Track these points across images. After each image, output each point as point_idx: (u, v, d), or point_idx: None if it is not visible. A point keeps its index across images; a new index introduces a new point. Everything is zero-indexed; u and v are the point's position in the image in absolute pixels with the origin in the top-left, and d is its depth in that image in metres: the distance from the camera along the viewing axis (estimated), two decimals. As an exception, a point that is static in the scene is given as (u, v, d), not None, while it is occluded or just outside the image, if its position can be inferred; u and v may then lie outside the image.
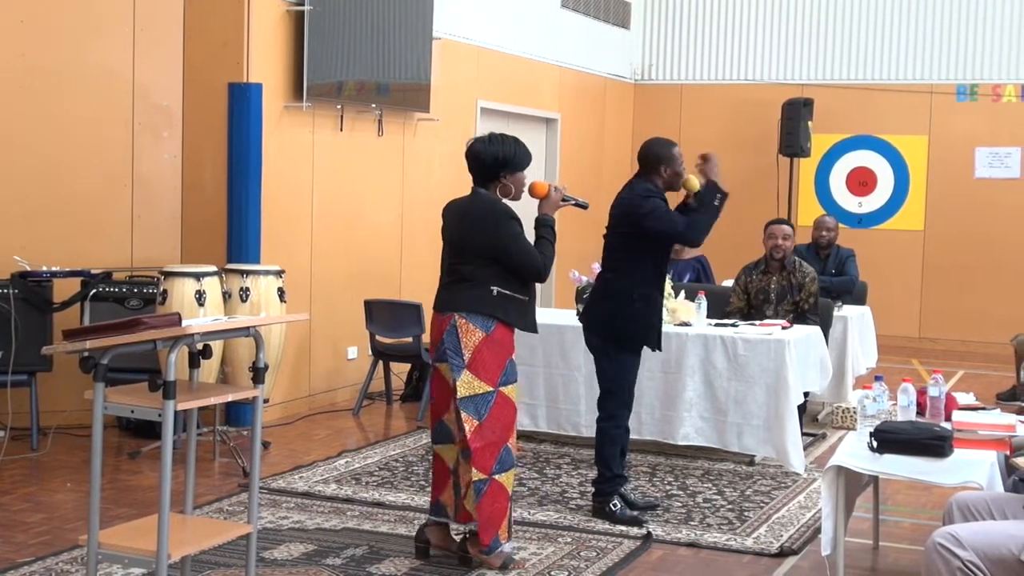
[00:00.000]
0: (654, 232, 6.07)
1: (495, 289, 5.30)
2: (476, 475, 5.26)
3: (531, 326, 5.51)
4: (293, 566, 5.37)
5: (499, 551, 5.33)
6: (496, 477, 5.28)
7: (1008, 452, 4.97)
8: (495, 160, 5.37)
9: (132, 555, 4.21)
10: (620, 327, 6.19)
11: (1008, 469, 4.90)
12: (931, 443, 4.85)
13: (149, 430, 7.61)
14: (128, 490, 6.62)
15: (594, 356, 6.33)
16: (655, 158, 6.21)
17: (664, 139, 6.38)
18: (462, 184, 11.26)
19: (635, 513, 6.20)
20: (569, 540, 5.86)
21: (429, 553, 5.50)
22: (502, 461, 5.30)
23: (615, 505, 6.20)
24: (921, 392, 5.40)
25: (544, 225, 5.47)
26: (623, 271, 6.18)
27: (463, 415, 5.25)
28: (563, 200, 5.59)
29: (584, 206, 5.90)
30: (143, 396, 4.19)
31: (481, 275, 5.30)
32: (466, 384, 5.25)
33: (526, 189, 5.51)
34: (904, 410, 5.26)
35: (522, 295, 5.39)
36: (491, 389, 5.27)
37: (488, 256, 5.30)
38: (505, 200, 5.42)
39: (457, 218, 5.46)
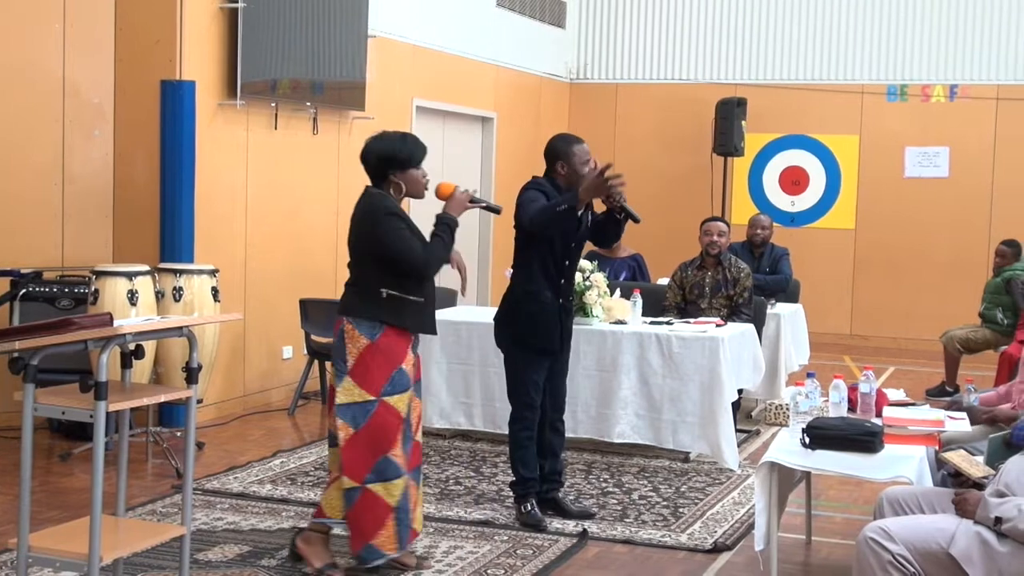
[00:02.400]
0: (523, 220, 5.93)
1: (384, 291, 5.14)
2: (347, 483, 5.12)
3: (429, 328, 5.32)
4: (228, 567, 5.34)
5: (376, 562, 5.17)
6: (369, 487, 5.10)
7: (937, 447, 5.05)
8: (378, 158, 5.23)
9: (63, 558, 4.15)
10: (516, 327, 6.11)
11: (937, 464, 4.98)
12: (862, 439, 4.91)
13: (80, 432, 7.52)
14: (59, 492, 6.54)
15: (503, 356, 6.30)
16: (552, 154, 6.13)
17: (568, 135, 6.28)
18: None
19: (539, 517, 6.11)
20: (505, 538, 5.87)
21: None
22: (378, 471, 5.10)
23: (526, 508, 6.18)
24: (852, 388, 5.46)
25: (441, 223, 5.28)
26: (519, 270, 6.11)
27: (338, 422, 5.13)
28: (471, 202, 5.42)
29: (496, 210, 5.77)
30: (74, 397, 4.14)
31: (370, 277, 5.16)
32: (346, 391, 5.12)
33: (432, 189, 5.37)
34: (836, 406, 5.32)
35: (416, 296, 5.20)
36: (372, 398, 5.09)
37: (372, 255, 5.16)
38: (403, 199, 5.25)
39: (351, 220, 5.32)
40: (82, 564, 4.08)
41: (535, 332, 6.08)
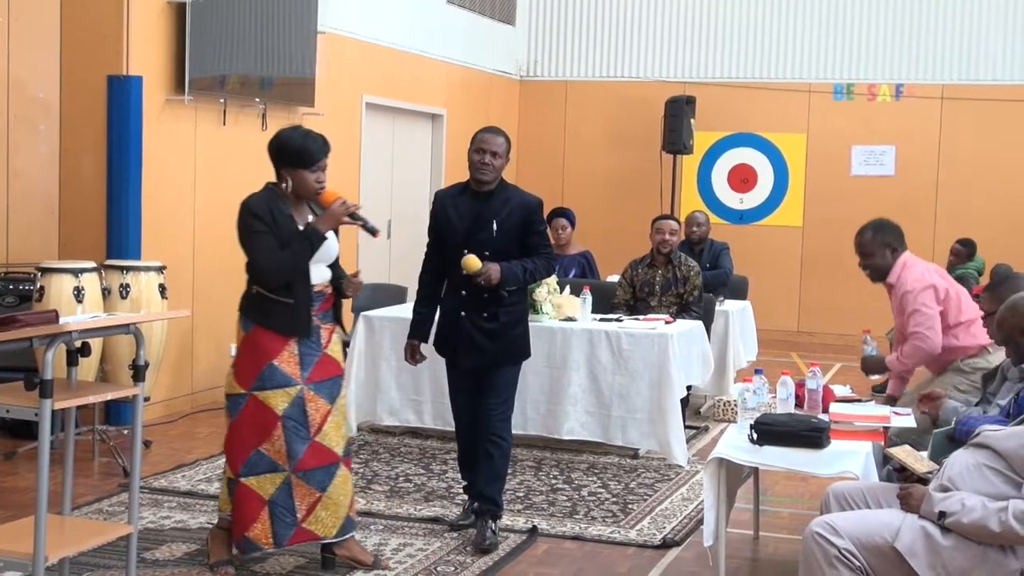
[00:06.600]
0: None
1: (255, 289, 5.09)
2: (227, 473, 5.14)
3: (300, 330, 5.05)
4: (175, 566, 5.30)
5: (253, 554, 5.14)
6: (243, 480, 5.06)
7: (883, 443, 5.11)
8: (273, 149, 5.22)
9: (8, 558, 4.11)
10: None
11: (883, 459, 5.04)
12: (809, 435, 4.95)
13: (26, 430, 7.43)
14: (3, 492, 6.48)
15: None
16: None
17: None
18: (347, 179, 11.23)
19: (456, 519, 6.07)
20: (455, 535, 5.87)
21: (334, 564, 5.28)
22: (252, 465, 5.04)
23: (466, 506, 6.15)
24: (799, 385, 5.52)
25: (302, 233, 5.04)
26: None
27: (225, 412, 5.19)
28: (350, 217, 5.16)
29: (373, 232, 5.25)
30: (19, 395, 4.11)
31: (249, 274, 5.12)
32: (228, 382, 5.14)
33: (322, 194, 5.16)
34: (783, 403, 5.36)
35: (284, 297, 5.01)
36: (242, 392, 5.06)
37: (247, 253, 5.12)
38: (293, 197, 5.14)
39: None
40: (27, 564, 4.04)
41: (447, 348, 5.89)
